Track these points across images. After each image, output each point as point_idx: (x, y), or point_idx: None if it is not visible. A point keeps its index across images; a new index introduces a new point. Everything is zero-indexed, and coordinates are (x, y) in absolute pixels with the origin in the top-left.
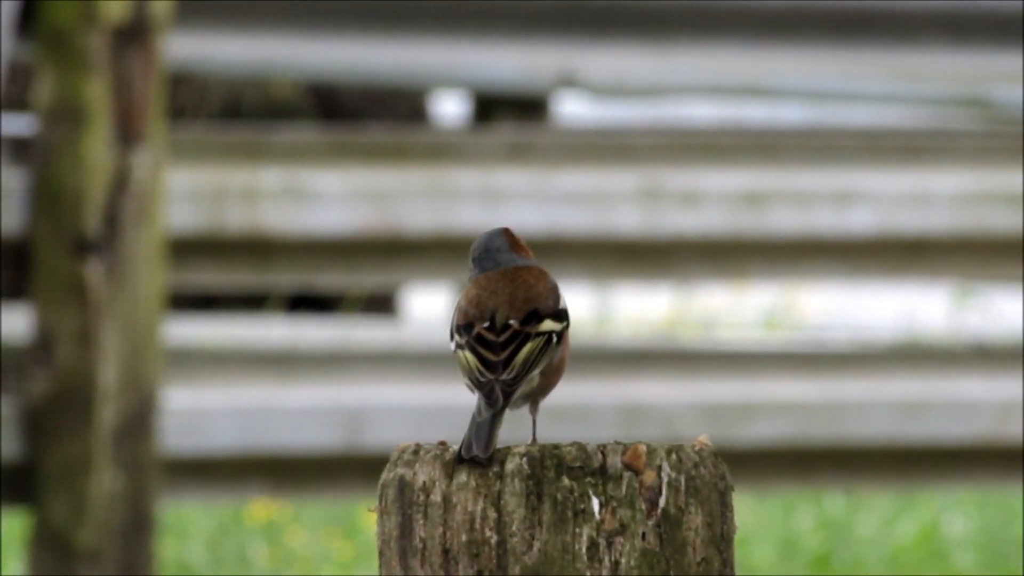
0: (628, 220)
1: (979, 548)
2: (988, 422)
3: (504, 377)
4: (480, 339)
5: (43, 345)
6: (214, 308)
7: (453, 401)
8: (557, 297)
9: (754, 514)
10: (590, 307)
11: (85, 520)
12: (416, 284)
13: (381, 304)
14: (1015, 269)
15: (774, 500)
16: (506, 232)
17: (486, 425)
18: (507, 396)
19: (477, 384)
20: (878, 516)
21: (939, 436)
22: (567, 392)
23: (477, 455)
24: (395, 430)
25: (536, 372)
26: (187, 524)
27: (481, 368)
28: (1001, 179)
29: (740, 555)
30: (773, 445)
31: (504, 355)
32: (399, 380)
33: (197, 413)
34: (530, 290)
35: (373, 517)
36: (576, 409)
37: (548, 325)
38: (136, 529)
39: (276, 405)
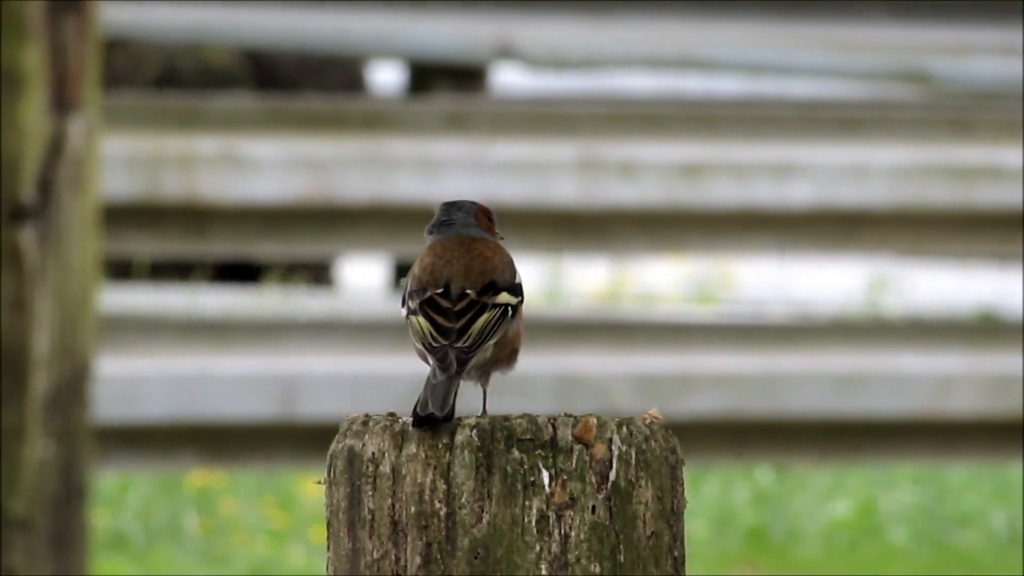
0: (565, 191)
1: (914, 524)
2: (925, 397)
3: (460, 345)
4: (433, 304)
5: None
6: (148, 276)
7: (389, 371)
8: (513, 272)
9: (690, 487)
10: (540, 280)
11: (17, 489)
12: (352, 253)
13: (316, 273)
14: (953, 243)
15: (710, 474)
16: (480, 206)
17: (442, 387)
18: (462, 363)
19: (430, 349)
20: (813, 491)
21: (875, 411)
22: None
23: (434, 413)
24: (330, 400)
25: (491, 343)
26: (120, 493)
27: (434, 333)
28: (939, 152)
29: None
30: (709, 418)
31: (460, 323)
32: (334, 350)
33: (130, 381)
34: (486, 262)
35: (307, 487)
36: (513, 380)
37: (504, 298)
38: (68, 498)
39: (210, 374)
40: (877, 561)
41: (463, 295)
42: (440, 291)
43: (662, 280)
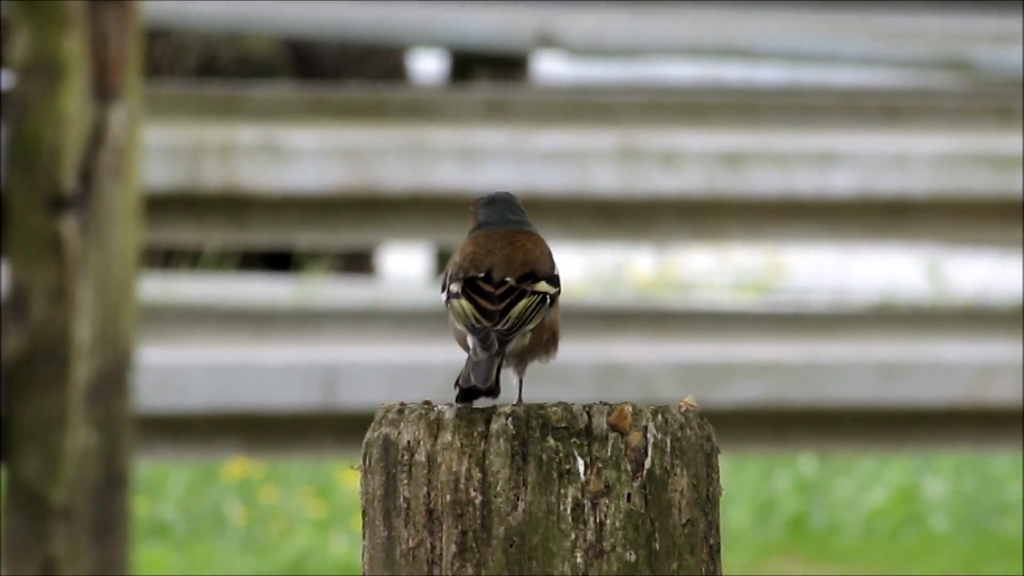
0: (606, 180)
1: (955, 511)
2: (967, 385)
3: (500, 327)
4: (476, 288)
5: (17, 301)
6: (189, 265)
7: (429, 360)
8: (552, 264)
9: (731, 476)
10: (583, 268)
11: (58, 477)
12: (392, 242)
13: (358, 262)
14: (995, 231)
15: (751, 462)
16: (514, 198)
17: (484, 363)
18: (503, 344)
19: (472, 330)
20: (855, 479)
21: (918, 399)
22: None
23: (477, 386)
24: (370, 389)
25: (529, 328)
26: (162, 482)
27: (477, 315)
28: (981, 141)
29: None
30: (751, 406)
31: (501, 306)
32: (375, 339)
33: (172, 371)
34: (527, 253)
35: (348, 476)
36: (555, 369)
37: (543, 287)
38: (109, 487)
39: (252, 363)
40: (918, 549)
41: (503, 282)
42: (483, 276)
43: (708, 269)
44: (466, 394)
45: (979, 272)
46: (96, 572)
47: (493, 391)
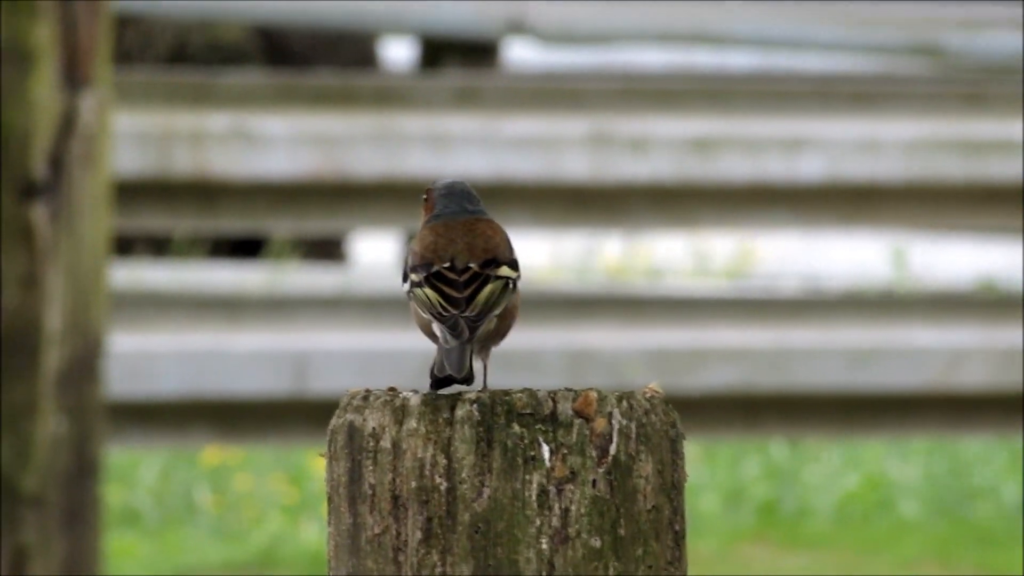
0: (577, 166)
1: (926, 496)
2: (937, 370)
3: (468, 314)
4: (440, 276)
5: None
6: (159, 252)
7: (400, 347)
8: (511, 249)
9: (702, 462)
10: (553, 255)
11: (29, 465)
12: (363, 229)
13: (328, 249)
14: (965, 217)
15: (721, 448)
16: (467, 186)
17: (456, 350)
18: (472, 330)
19: (440, 318)
20: (825, 464)
21: (888, 384)
22: (516, 338)
23: (453, 374)
24: (341, 376)
25: (495, 313)
26: (133, 469)
27: (443, 303)
28: (951, 127)
29: (687, 503)
30: (721, 393)
31: (467, 293)
32: (346, 325)
33: (143, 357)
34: (488, 240)
35: (320, 463)
36: (524, 355)
37: (506, 271)
38: (80, 474)
39: (222, 350)
40: (889, 534)
41: (467, 268)
42: (446, 265)
43: (678, 256)
44: (440, 383)
45: (947, 257)
46: (67, 560)
47: (468, 379)
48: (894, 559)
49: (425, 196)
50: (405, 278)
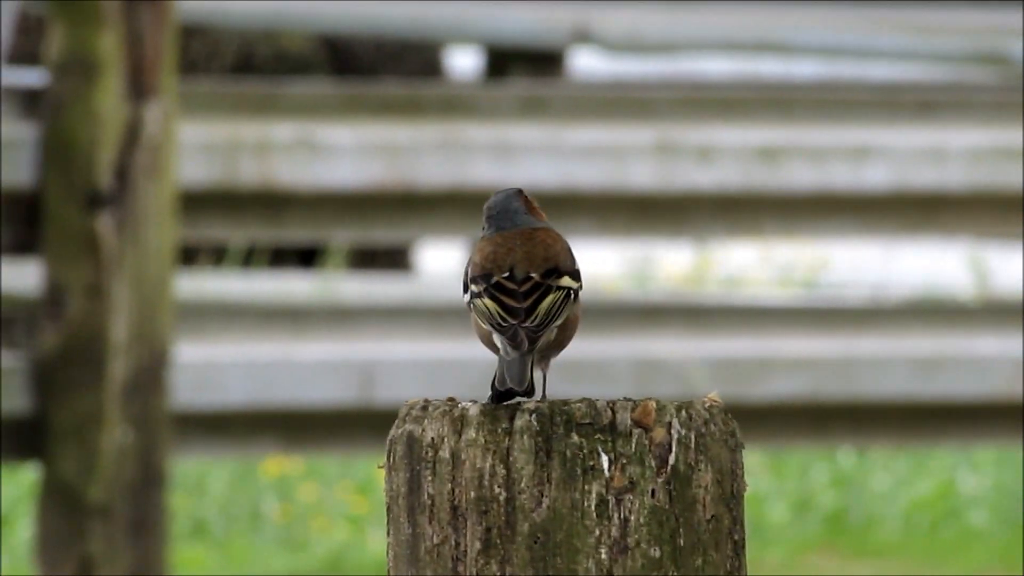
0: (643, 175)
1: (994, 506)
2: (1005, 379)
3: (528, 324)
4: (500, 287)
5: (54, 299)
6: (215, 261)
7: (465, 356)
8: (572, 259)
9: (769, 471)
10: (622, 264)
11: (95, 475)
12: (429, 239)
13: (393, 258)
14: None
15: (789, 457)
16: (521, 193)
17: (516, 363)
18: (532, 341)
19: (499, 329)
20: (893, 474)
21: (954, 394)
22: (583, 348)
23: (513, 388)
24: (407, 385)
25: (557, 323)
26: (201, 480)
27: (503, 314)
28: (1017, 135)
29: (755, 513)
30: (788, 402)
31: (527, 303)
32: (411, 335)
33: (208, 368)
34: (548, 249)
35: (384, 473)
36: (591, 365)
37: (567, 281)
38: (146, 484)
39: (288, 360)
40: (957, 544)
41: (527, 278)
42: (506, 275)
43: (746, 264)
44: (501, 396)
45: (1014, 266)
46: (133, 570)
47: (530, 391)
48: (962, 568)
49: (484, 211)
50: (465, 289)
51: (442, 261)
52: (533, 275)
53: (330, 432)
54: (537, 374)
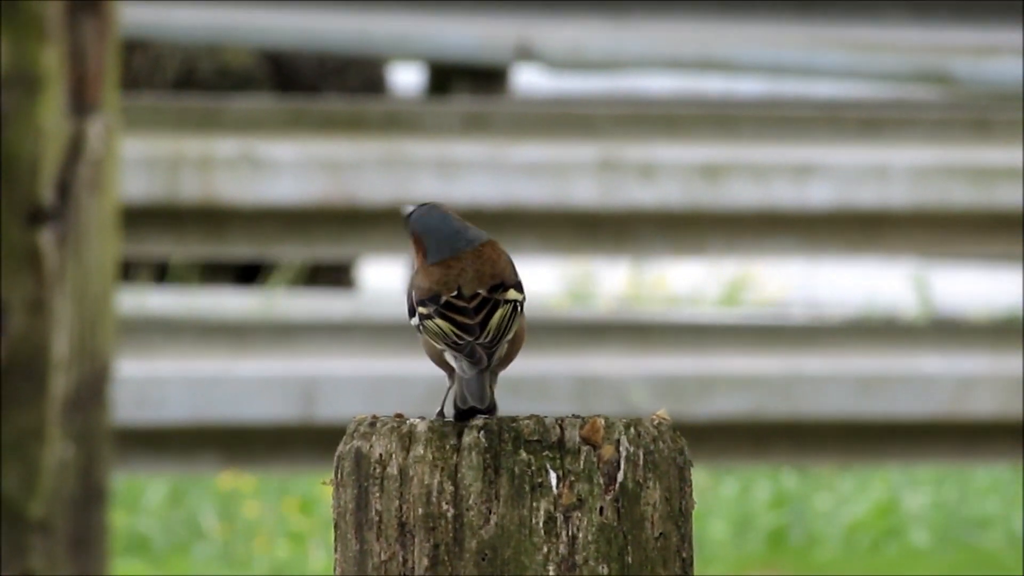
0: (585, 192)
1: (935, 525)
2: (946, 398)
3: (482, 340)
4: (450, 306)
5: None
6: (166, 278)
7: (408, 372)
8: (515, 271)
9: (710, 489)
10: (562, 282)
11: (36, 491)
12: (371, 255)
13: (335, 275)
14: (975, 244)
15: (730, 475)
16: (443, 208)
17: (475, 380)
18: (489, 357)
19: (455, 347)
20: (834, 492)
21: (897, 412)
22: (524, 365)
23: (476, 406)
24: (349, 402)
25: (508, 337)
26: (139, 495)
27: (458, 332)
28: (961, 153)
29: (696, 530)
30: (730, 420)
31: (478, 319)
32: (353, 351)
33: (150, 383)
34: (494, 265)
35: (330, 490)
36: (532, 382)
37: (512, 294)
38: (88, 500)
39: (229, 376)
40: (898, 562)
41: (475, 295)
42: (454, 294)
43: (687, 282)
44: (464, 414)
45: (959, 285)
46: None
47: (492, 409)
48: None
49: (411, 236)
50: (412, 313)
51: (385, 277)
52: (480, 291)
53: (272, 448)
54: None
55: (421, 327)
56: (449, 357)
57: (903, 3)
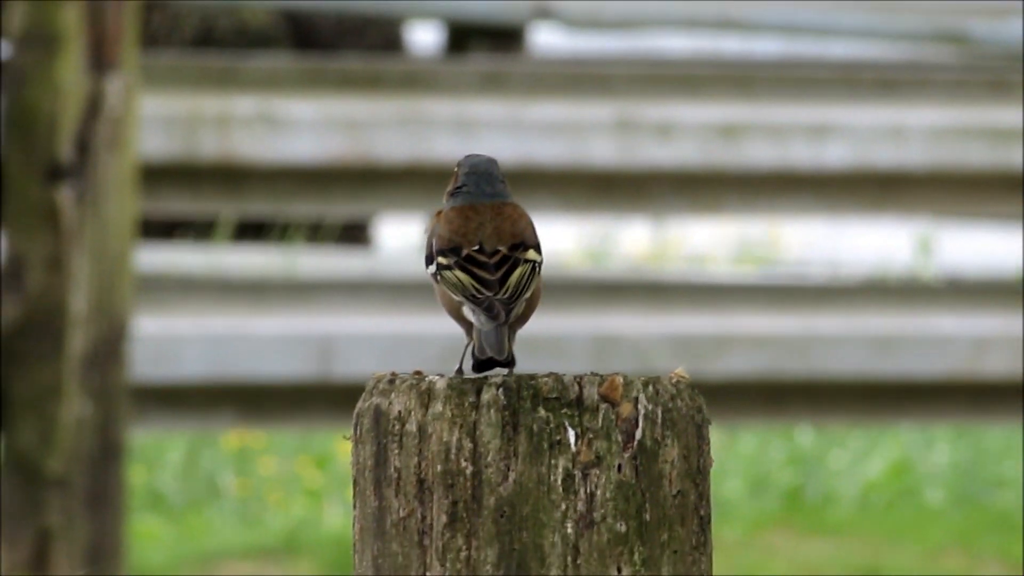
0: (603, 151)
1: (950, 484)
2: (961, 358)
3: (501, 296)
4: (471, 259)
5: (13, 271)
6: (184, 235)
7: (424, 331)
8: (535, 232)
9: (726, 448)
10: (581, 240)
11: (54, 447)
12: (388, 213)
13: (353, 233)
14: (990, 204)
15: (746, 434)
16: (497, 163)
17: (494, 333)
18: (507, 312)
19: (474, 300)
20: (850, 451)
21: (912, 371)
22: (541, 324)
23: (495, 357)
24: (366, 360)
25: (526, 296)
26: (157, 452)
27: (477, 285)
28: (977, 114)
29: (711, 489)
30: (746, 379)
31: (498, 275)
32: (370, 310)
33: (168, 341)
34: (515, 224)
35: (345, 446)
36: (550, 341)
37: (532, 255)
38: (105, 457)
39: (247, 333)
40: (913, 522)
41: (496, 251)
42: (476, 248)
43: (708, 242)
44: (483, 365)
45: (973, 245)
46: (91, 542)
47: (511, 361)
48: (918, 546)
49: (456, 168)
50: (430, 261)
51: (401, 236)
52: (501, 248)
53: (288, 406)
54: None
55: (439, 276)
56: (467, 311)
57: None
